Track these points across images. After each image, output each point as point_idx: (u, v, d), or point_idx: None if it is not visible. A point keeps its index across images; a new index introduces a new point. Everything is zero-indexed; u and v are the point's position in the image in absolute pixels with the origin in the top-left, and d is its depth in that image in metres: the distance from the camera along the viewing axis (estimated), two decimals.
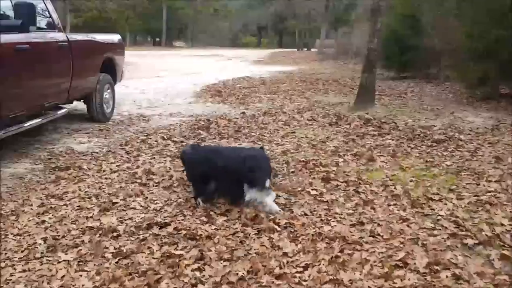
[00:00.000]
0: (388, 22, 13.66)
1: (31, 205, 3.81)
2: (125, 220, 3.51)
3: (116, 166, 4.98)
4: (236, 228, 3.37)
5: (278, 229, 3.33)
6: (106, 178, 4.56)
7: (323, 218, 3.53)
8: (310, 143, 5.96)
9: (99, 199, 3.95)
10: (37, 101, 5.58)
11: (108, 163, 5.09)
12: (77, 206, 3.79)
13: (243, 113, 8.14)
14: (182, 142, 5.96)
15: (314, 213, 3.65)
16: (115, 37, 8.44)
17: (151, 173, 4.60)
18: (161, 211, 3.69)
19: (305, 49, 44.37)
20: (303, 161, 5.03)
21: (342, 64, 21.68)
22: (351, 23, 29.90)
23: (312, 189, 4.13)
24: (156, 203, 3.88)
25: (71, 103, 7.57)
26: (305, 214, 3.60)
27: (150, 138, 6.20)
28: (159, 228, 3.35)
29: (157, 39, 57.45)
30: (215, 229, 3.35)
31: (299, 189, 4.15)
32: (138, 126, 7.19)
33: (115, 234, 3.25)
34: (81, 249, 3.04)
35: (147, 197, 3.98)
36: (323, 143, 5.92)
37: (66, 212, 3.67)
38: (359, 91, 8.68)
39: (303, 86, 12.12)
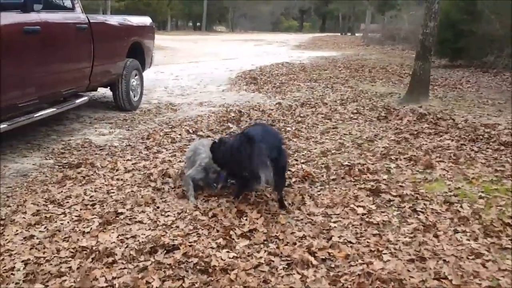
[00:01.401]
0: (440, 5, 12.38)
1: (25, 212, 3.27)
2: (127, 239, 2.89)
3: (132, 164, 4.39)
4: (261, 257, 2.67)
5: (314, 262, 2.61)
6: (117, 180, 3.98)
7: (372, 249, 2.78)
8: (354, 141, 5.16)
9: (103, 208, 3.36)
10: (51, 88, 5.06)
11: (123, 160, 4.51)
12: (76, 216, 3.21)
13: (279, 103, 7.40)
14: (208, 137, 5.31)
15: (361, 240, 2.89)
16: (146, 20, 7.84)
17: (167, 175, 3.98)
18: (171, 228, 3.04)
19: (349, 34, 42.75)
20: (346, 165, 4.26)
21: (389, 50, 20.39)
22: (399, 7, 28.17)
23: (358, 205, 3.37)
24: (168, 215, 3.24)
25: (95, 90, 7.10)
26: (349, 242, 2.85)
27: (174, 131, 5.58)
28: (165, 253, 2.71)
29: (198, 24, 57.11)
30: (233, 257, 2.67)
31: (342, 204, 3.40)
32: (164, 117, 6.61)
33: (110, 259, 2.63)
34: (64, 280, 2.44)
35: (158, 207, 3.35)
36: (370, 142, 5.11)
37: (61, 224, 3.10)
38: (411, 80, 7.71)
39: (347, 73, 11.19)
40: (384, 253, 2.71)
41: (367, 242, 2.87)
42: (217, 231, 2.98)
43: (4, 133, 4.41)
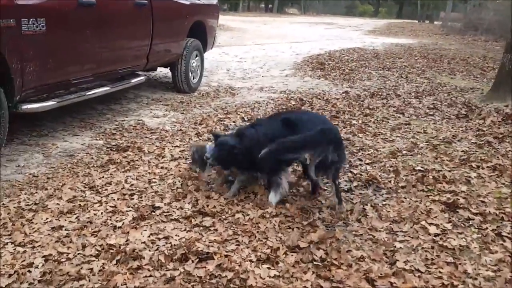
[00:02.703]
0: None
1: (60, 198, 3.06)
2: (159, 239, 2.57)
3: (179, 152, 4.10)
4: (307, 280, 2.24)
5: None
6: (161, 168, 3.70)
7: (445, 282, 2.25)
8: (429, 142, 4.51)
9: (141, 199, 3.08)
10: (107, 66, 4.88)
11: (172, 147, 4.24)
12: (111, 207, 2.95)
13: (346, 92, 6.81)
14: None
15: (432, 268, 2.36)
16: None
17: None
18: (209, 230, 2.69)
19: (427, 22, 40.19)
20: (419, 170, 3.68)
21: (470, 40, 18.70)
22: None
23: (430, 222, 2.82)
24: (206, 214, 2.88)
25: (154, 70, 6.93)
26: (417, 270, 2.34)
27: (229, 118, 5.23)
28: (197, 261, 2.36)
29: (270, 6, 56.45)
30: (275, 276, 2.26)
31: (411, 219, 2.87)
32: (221, 101, 6.28)
33: (136, 264, 2.32)
34: (82, 285, 2.16)
35: (197, 204, 3.00)
36: (447, 144, 4.44)
37: (95, 214, 2.85)
38: (497, 75, 6.76)
39: (424, 63, 10.24)
40: None
41: (439, 272, 2.33)
42: (259, 240, 2.58)
43: (58, 109, 4.30)
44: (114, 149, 4.13)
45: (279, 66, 9.55)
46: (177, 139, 4.48)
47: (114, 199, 3.06)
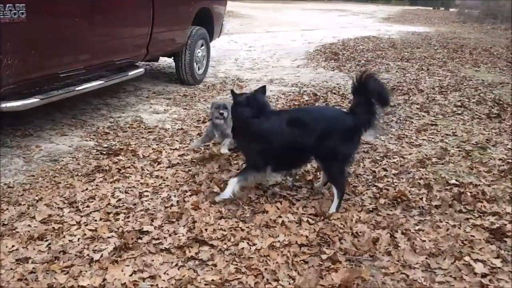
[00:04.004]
0: None
1: (33, 217, 2.60)
2: (144, 279, 2.10)
3: (178, 156, 3.62)
4: None
5: None
6: (156, 177, 3.22)
7: None
8: (461, 147, 3.98)
9: (127, 220, 2.61)
10: (101, 57, 4.39)
11: (170, 150, 3.76)
12: (91, 231, 2.48)
13: None
14: None
15: None
16: None
17: (215, 182, 3.13)
18: (207, 266, 2.21)
19: (442, 9, 39.06)
20: (454, 185, 3.17)
21: (489, 29, 17.89)
22: None
23: (475, 258, 2.31)
24: (203, 242, 2.41)
25: (156, 61, 6.42)
26: None
27: None
28: None
29: None
30: None
31: (451, 253, 2.36)
32: (228, 95, 5.76)
33: None
34: None
35: (194, 226, 2.52)
36: (482, 151, 3.91)
37: (70, 241, 2.39)
38: None
39: (444, 53, 9.60)
40: None
41: None
42: (268, 283, 2.09)
43: (48, 105, 3.84)
44: (104, 153, 3.66)
45: (290, 55, 8.99)
46: (176, 141, 4.00)
47: (95, 220, 2.59)
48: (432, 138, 4.26)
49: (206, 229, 2.49)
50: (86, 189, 2.99)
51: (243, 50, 9.68)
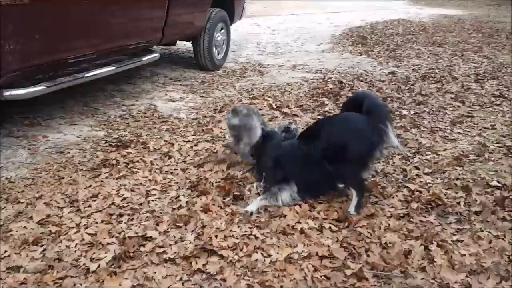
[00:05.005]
0: None
1: (31, 217, 2.40)
2: None
3: (191, 149, 3.37)
4: None
5: None
6: (166, 173, 2.99)
7: None
8: (501, 142, 3.61)
9: (130, 223, 2.37)
10: (113, 41, 4.15)
11: (183, 142, 3.52)
12: (90, 235, 2.26)
13: (393, 73, 5.87)
14: (295, 116, 4.10)
15: None
16: None
17: (235, 178, 2.87)
18: (215, 281, 1.96)
19: None
20: (495, 187, 2.83)
21: None
22: None
23: None
24: (211, 251, 2.16)
25: (173, 45, 6.15)
26: None
27: (254, 104, 4.44)
28: None
29: None
30: None
31: (496, 271, 2.04)
32: (247, 81, 5.48)
33: None
34: None
35: (203, 233, 2.27)
36: None
37: (67, 247, 2.17)
38: None
39: (479, 38, 9.02)
40: None
41: None
42: None
43: (59, 91, 3.63)
44: (113, 144, 3.44)
45: (315, 39, 8.59)
46: (190, 132, 3.75)
47: (96, 222, 2.36)
48: (469, 131, 3.88)
49: (216, 236, 2.23)
50: (90, 185, 2.77)
51: (266, 33, 9.32)
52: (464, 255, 2.14)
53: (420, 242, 2.23)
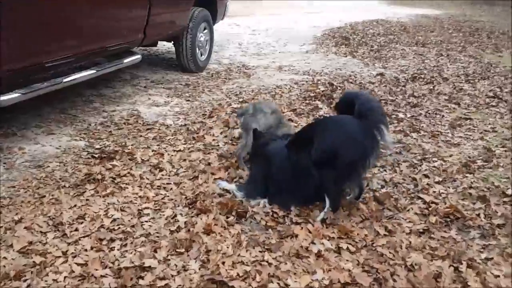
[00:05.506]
0: None
1: (11, 245, 2.09)
2: None
3: (182, 160, 3.10)
4: None
5: None
6: (158, 188, 2.71)
7: None
8: (506, 146, 3.48)
9: (124, 250, 2.09)
10: (92, 43, 3.83)
11: (173, 152, 3.25)
12: (80, 266, 1.97)
13: (381, 74, 5.72)
14: (290, 121, 3.87)
15: None
16: None
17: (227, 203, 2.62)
18: None
19: None
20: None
21: (501, 10, 17.25)
22: None
23: None
24: (215, 282, 1.91)
25: (154, 46, 5.83)
26: None
27: None
28: None
29: None
30: None
31: None
32: (234, 84, 5.22)
33: None
34: None
35: (208, 260, 2.02)
36: None
37: (54, 280, 1.88)
38: None
39: (460, 37, 9.03)
40: None
41: None
42: None
43: (35, 98, 3.29)
44: (96, 156, 3.13)
45: (297, 40, 8.40)
46: (180, 140, 3.48)
47: (85, 250, 2.07)
48: (470, 135, 3.75)
49: (223, 263, 1.98)
50: (75, 205, 2.47)
51: (246, 34, 9.08)
52: (498, 276, 1.96)
53: (448, 262, 2.03)
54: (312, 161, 2.36)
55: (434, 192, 2.71)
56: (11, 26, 2.84)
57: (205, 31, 5.82)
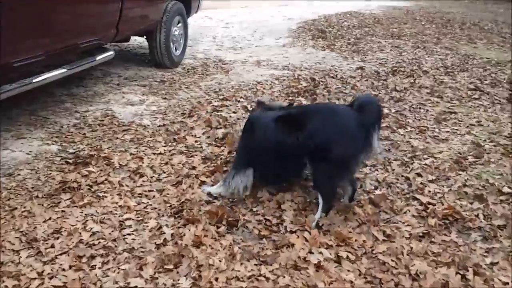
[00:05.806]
0: None
1: None
2: None
3: (164, 164, 2.91)
4: None
5: None
6: (140, 196, 2.52)
7: None
8: (494, 140, 3.45)
9: (107, 267, 1.91)
10: (63, 40, 3.58)
11: (153, 155, 3.05)
12: None
13: (361, 68, 5.64)
14: None
15: None
16: None
17: (224, 198, 2.45)
18: None
19: None
20: (510, 194, 2.60)
21: (468, 1, 17.56)
22: None
23: None
24: None
25: (127, 41, 5.57)
26: None
27: (227, 106, 4.02)
28: None
29: None
30: None
31: None
32: (212, 80, 5.03)
33: None
34: None
35: (200, 277, 1.86)
36: None
37: None
38: None
39: (434, 29, 9.07)
40: None
41: None
42: None
43: (1, 102, 3.01)
44: (70, 161, 2.90)
45: (273, 33, 8.24)
46: (159, 142, 3.28)
47: (63, 269, 1.88)
48: (457, 129, 3.70)
49: (216, 279, 1.82)
50: (49, 218, 2.26)
51: (220, 27, 8.85)
52: (507, 283, 1.88)
53: (453, 269, 1.94)
54: (299, 145, 2.28)
55: (429, 192, 2.62)
56: None
57: (179, 25, 5.59)
